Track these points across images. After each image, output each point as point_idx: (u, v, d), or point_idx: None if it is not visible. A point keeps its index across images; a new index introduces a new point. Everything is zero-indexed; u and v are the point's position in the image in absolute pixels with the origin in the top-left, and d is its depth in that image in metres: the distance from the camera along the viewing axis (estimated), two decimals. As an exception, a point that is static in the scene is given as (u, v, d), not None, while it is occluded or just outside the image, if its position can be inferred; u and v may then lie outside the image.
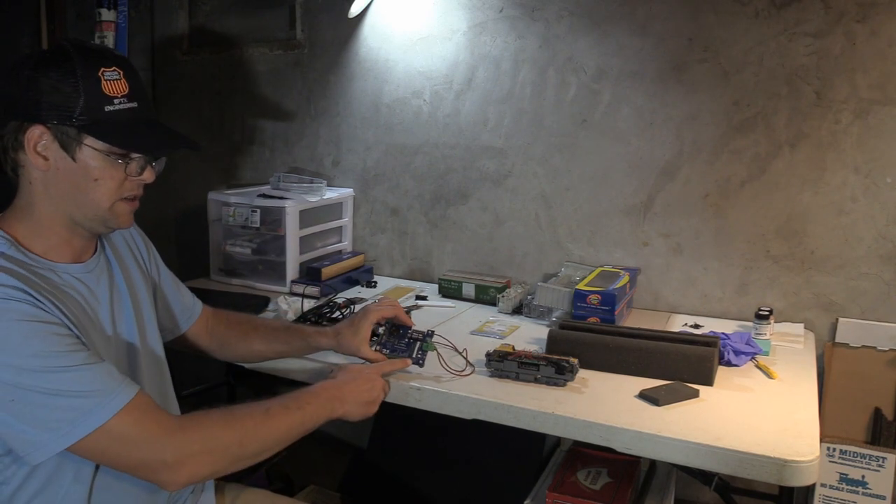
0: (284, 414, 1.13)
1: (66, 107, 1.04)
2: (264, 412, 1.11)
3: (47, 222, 1.09)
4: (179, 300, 1.40)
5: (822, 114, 1.72)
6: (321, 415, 1.18)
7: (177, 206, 2.63)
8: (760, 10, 1.74)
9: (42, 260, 1.08)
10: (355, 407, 1.25)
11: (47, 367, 0.95)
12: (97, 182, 1.08)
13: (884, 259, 1.71)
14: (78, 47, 1.06)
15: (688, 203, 1.88)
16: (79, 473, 1.06)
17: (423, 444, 2.11)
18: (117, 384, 1.00)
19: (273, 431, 1.11)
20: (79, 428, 0.96)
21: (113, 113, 1.06)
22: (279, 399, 1.15)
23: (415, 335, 1.45)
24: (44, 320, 0.98)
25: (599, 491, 1.53)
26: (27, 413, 0.95)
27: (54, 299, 1.02)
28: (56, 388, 0.95)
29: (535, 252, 2.09)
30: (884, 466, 1.66)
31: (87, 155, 1.06)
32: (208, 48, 2.53)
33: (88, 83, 1.04)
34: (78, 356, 0.98)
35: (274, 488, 2.13)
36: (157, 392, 1.23)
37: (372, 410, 1.28)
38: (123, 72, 1.08)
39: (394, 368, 1.38)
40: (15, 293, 0.97)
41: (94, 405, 0.96)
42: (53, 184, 1.07)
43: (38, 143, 1.05)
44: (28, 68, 1.04)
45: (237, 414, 1.09)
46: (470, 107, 2.11)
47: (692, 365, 1.40)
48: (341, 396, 1.23)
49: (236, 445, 1.06)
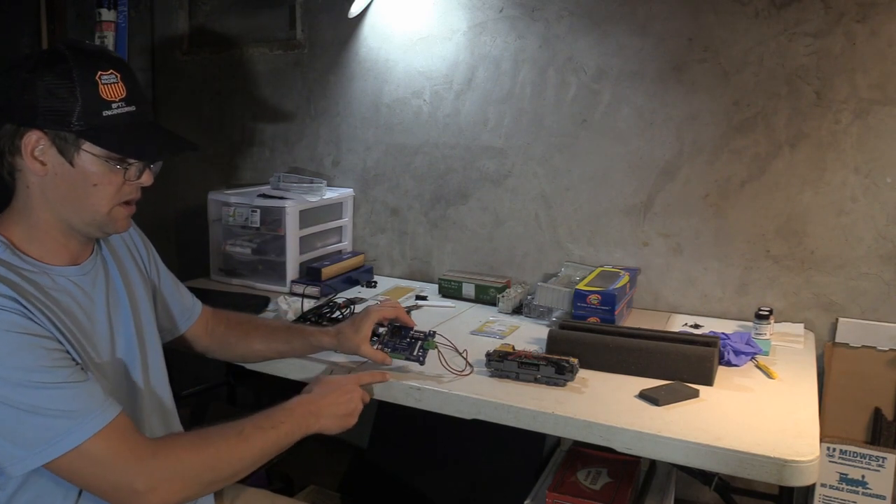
0: (258, 435, 1.11)
1: (64, 112, 1.02)
2: (237, 434, 1.09)
3: (44, 226, 1.08)
4: (179, 301, 1.40)
5: (822, 114, 1.72)
6: (296, 432, 1.17)
7: (177, 206, 2.63)
8: (760, 10, 1.74)
9: (38, 263, 1.07)
10: (332, 420, 1.22)
11: (30, 381, 0.94)
12: (96, 187, 1.07)
13: (884, 259, 1.71)
14: (74, 50, 1.04)
15: (688, 203, 1.88)
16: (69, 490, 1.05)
17: (423, 444, 2.11)
18: (97, 405, 0.98)
19: (246, 454, 1.09)
20: (54, 447, 0.95)
21: (111, 117, 1.05)
22: (253, 419, 1.13)
23: (416, 335, 1.45)
24: (33, 332, 0.97)
25: (599, 491, 1.53)
26: (5, 427, 0.94)
27: (46, 310, 1.01)
28: (35, 404, 0.94)
29: (535, 252, 2.09)
30: (884, 466, 1.66)
31: (86, 160, 1.05)
32: (208, 48, 2.53)
33: (85, 88, 1.02)
34: (62, 373, 0.97)
35: (274, 488, 2.13)
36: (154, 394, 1.23)
37: (350, 423, 1.25)
38: (121, 74, 1.06)
39: (372, 380, 1.36)
40: (7, 303, 0.96)
41: (70, 426, 0.95)
42: (51, 188, 1.06)
43: (36, 148, 1.04)
44: (24, 71, 1.02)
45: (210, 439, 1.07)
46: (470, 107, 2.10)
47: (692, 365, 1.40)
48: (317, 411, 1.21)
49: (209, 471, 1.05)
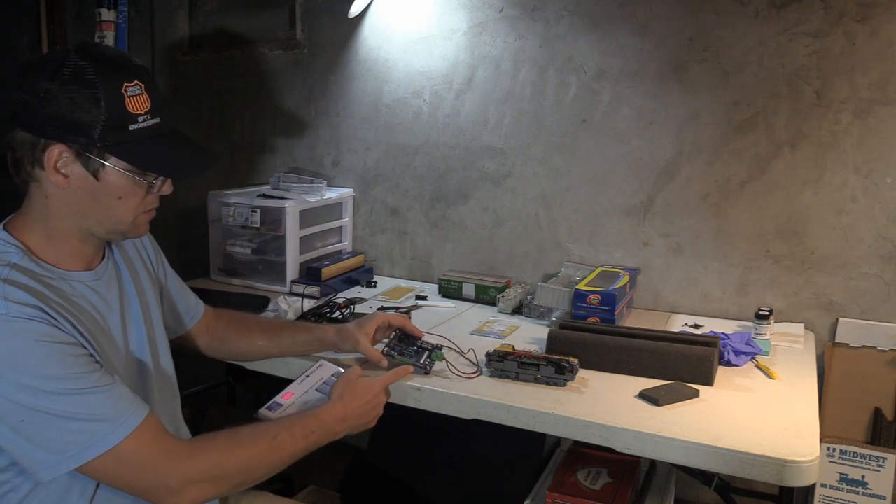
0: (290, 443, 1.13)
1: (88, 125, 0.99)
2: (271, 441, 1.11)
3: (62, 234, 1.07)
4: (184, 300, 1.41)
5: (822, 114, 1.72)
6: (325, 440, 1.19)
7: (177, 206, 2.63)
8: (760, 10, 1.74)
9: (55, 269, 1.06)
10: (358, 426, 1.26)
11: (62, 390, 0.95)
12: (121, 200, 1.06)
13: (884, 259, 1.71)
14: (96, 59, 1.00)
15: (688, 203, 1.88)
16: (84, 490, 1.05)
17: (424, 444, 2.11)
18: (128, 406, 1.00)
19: (276, 460, 1.11)
20: (88, 451, 0.96)
21: (137, 131, 1.03)
22: (286, 425, 1.15)
23: (424, 345, 1.45)
24: (61, 341, 0.97)
25: (599, 491, 1.53)
26: (37, 434, 0.95)
27: (69, 315, 1.01)
28: (68, 410, 0.95)
29: (535, 252, 2.09)
30: (884, 466, 1.66)
31: (111, 174, 1.04)
32: (208, 48, 2.53)
33: (111, 101, 0.99)
34: (92, 378, 0.98)
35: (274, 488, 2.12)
36: (164, 395, 1.23)
37: (373, 424, 1.29)
38: (144, 85, 1.03)
39: (398, 377, 1.36)
40: (33, 312, 0.96)
41: (104, 429, 0.96)
42: (73, 201, 1.05)
43: (58, 161, 1.01)
44: (44, 79, 0.98)
45: (243, 443, 1.09)
46: (470, 107, 2.10)
47: (692, 365, 1.40)
48: (345, 418, 1.23)
49: (240, 473, 1.07)
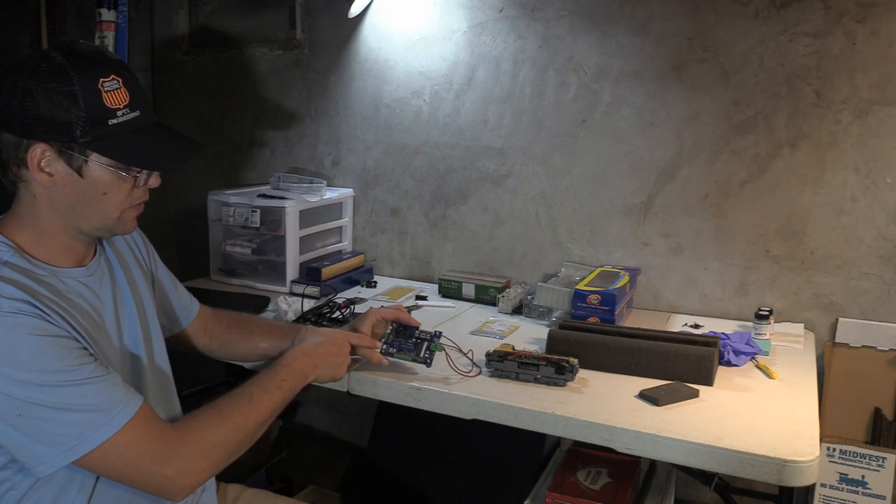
0: (266, 397, 1.16)
1: (68, 123, 1.00)
2: (248, 402, 1.13)
3: (51, 231, 1.08)
4: (177, 298, 1.40)
5: (822, 114, 1.72)
6: (297, 385, 1.23)
7: (177, 206, 2.63)
8: (760, 10, 1.74)
9: (46, 266, 1.06)
10: (326, 370, 1.29)
11: (56, 382, 0.95)
12: (106, 195, 1.06)
13: (884, 259, 1.71)
14: (72, 56, 1.01)
15: (688, 203, 1.88)
16: (83, 485, 1.05)
17: (423, 444, 2.11)
18: (122, 397, 1.00)
19: (259, 418, 1.13)
20: (85, 442, 0.96)
21: (117, 125, 1.03)
22: (258, 382, 1.18)
23: (422, 335, 1.45)
24: (53, 334, 0.97)
25: (599, 491, 1.54)
26: (33, 427, 0.95)
27: (61, 310, 1.01)
28: (64, 402, 0.95)
29: (535, 252, 2.09)
30: (884, 466, 1.66)
31: (94, 170, 1.04)
32: (208, 48, 2.52)
33: (89, 97, 1.00)
34: (86, 370, 0.98)
35: (274, 488, 2.13)
36: (160, 391, 1.23)
37: (340, 374, 1.32)
38: (122, 79, 1.04)
39: (361, 343, 1.38)
40: (23, 307, 0.96)
41: (101, 419, 0.97)
42: (59, 198, 1.05)
43: (42, 160, 1.02)
44: (22, 79, 0.99)
45: (225, 412, 1.10)
46: (470, 107, 2.10)
47: (692, 365, 1.40)
48: (313, 361, 1.27)
49: (231, 443, 1.09)
